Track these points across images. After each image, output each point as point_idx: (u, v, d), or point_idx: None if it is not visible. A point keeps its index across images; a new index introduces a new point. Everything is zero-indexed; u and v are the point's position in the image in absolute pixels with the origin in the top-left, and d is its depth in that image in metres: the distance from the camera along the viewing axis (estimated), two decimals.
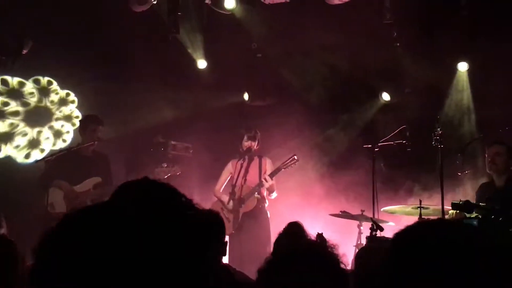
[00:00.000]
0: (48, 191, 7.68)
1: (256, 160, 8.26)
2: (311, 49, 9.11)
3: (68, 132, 9.90)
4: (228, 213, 8.01)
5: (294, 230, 5.04)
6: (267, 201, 8.20)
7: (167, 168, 8.27)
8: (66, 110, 9.95)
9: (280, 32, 9.27)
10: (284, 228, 5.12)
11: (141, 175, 1.50)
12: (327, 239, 4.70)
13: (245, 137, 8.21)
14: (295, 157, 8.03)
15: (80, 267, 1.25)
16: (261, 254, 7.60)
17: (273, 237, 8.05)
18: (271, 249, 7.84)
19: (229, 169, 8.35)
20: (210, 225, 1.53)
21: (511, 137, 7.59)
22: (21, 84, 9.71)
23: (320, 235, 4.80)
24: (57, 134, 9.86)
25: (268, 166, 8.21)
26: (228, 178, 8.34)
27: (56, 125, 9.88)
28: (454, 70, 8.93)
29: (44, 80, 9.88)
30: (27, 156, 9.59)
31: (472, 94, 8.85)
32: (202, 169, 9.58)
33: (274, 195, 8.15)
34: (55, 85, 9.93)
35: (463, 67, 8.87)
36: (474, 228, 1.64)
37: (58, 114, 9.90)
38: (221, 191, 8.31)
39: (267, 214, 8.17)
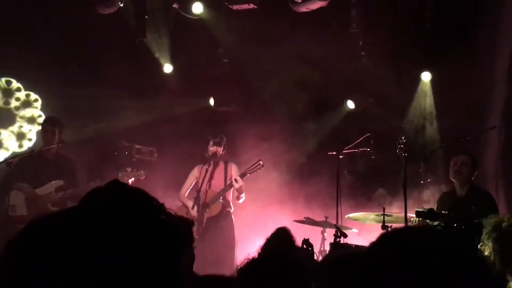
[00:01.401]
0: (9, 193, 7.55)
1: (221, 166, 8.27)
2: (277, 56, 9.15)
3: (30, 131, 9.73)
4: (192, 218, 7.99)
5: (283, 235, 5.09)
6: (232, 206, 8.21)
7: (132, 173, 8.22)
8: (29, 111, 9.79)
9: (247, 38, 9.29)
10: (272, 233, 5.15)
11: (105, 179, 1.49)
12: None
13: (211, 142, 8.21)
14: (261, 162, 8.07)
15: (48, 273, 1.24)
16: (226, 258, 7.62)
17: (240, 242, 8.09)
18: (235, 253, 7.87)
19: (195, 174, 8.34)
20: (184, 230, 1.52)
21: (472, 147, 7.75)
22: None
23: (306, 241, 4.85)
24: (20, 136, 9.70)
25: (234, 171, 8.23)
26: (193, 183, 8.33)
27: (19, 127, 9.71)
28: (417, 79, 9.06)
29: (2, 81, 9.70)
30: None
31: (435, 103, 8.99)
32: (166, 174, 9.51)
33: (242, 198, 8.16)
34: (15, 84, 9.75)
35: (426, 77, 9.00)
36: (441, 232, 1.65)
37: (21, 115, 9.74)
38: (186, 195, 8.29)
39: (232, 219, 8.19)
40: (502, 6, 8.03)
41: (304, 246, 4.93)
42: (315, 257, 4.02)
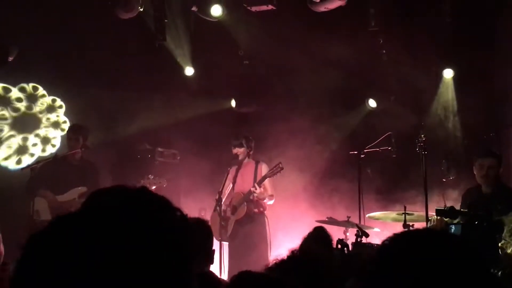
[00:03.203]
0: (34, 198, 7.66)
1: (251, 166, 8.24)
2: (297, 56, 9.14)
3: (55, 137, 9.85)
4: (223, 221, 7.99)
5: (321, 234, 5.25)
6: (265, 206, 8.15)
7: (154, 180, 8.27)
8: (53, 116, 9.92)
9: (266, 39, 9.31)
10: (310, 233, 5.25)
11: (128, 183, 1.49)
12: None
13: (232, 145, 8.24)
14: (280, 165, 8.04)
15: (58, 278, 1.25)
16: (260, 261, 7.52)
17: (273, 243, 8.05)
18: (268, 254, 7.83)
19: (226, 176, 8.29)
20: (199, 235, 1.51)
21: (495, 143, 7.66)
22: (7, 91, 9.68)
23: (341, 240, 4.90)
24: (45, 140, 9.83)
25: (264, 170, 8.15)
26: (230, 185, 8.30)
27: (44, 131, 9.84)
28: (439, 76, 8.98)
29: (29, 86, 9.85)
30: (18, 162, 9.57)
31: (457, 100, 8.90)
32: (189, 176, 9.58)
33: (269, 201, 8.11)
34: (41, 90, 9.89)
35: (448, 74, 8.92)
36: (457, 239, 1.67)
37: (45, 120, 9.87)
38: (223, 199, 8.21)
39: (264, 220, 8.10)
40: None
41: (339, 246, 4.99)
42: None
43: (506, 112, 8.28)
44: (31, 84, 9.87)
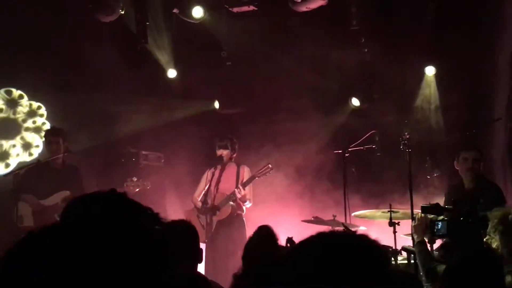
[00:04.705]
0: (17, 204, 7.59)
1: (233, 168, 8.28)
2: (280, 56, 9.14)
3: (37, 146, 9.76)
4: (203, 221, 8.01)
5: (265, 233, 5.04)
6: (244, 209, 8.21)
7: (137, 182, 8.22)
8: (35, 121, 9.83)
9: (249, 40, 9.30)
10: (254, 232, 5.11)
11: (112, 187, 1.47)
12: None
13: (217, 146, 8.25)
14: (269, 165, 8.07)
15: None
16: (237, 261, 7.57)
17: None
18: None
19: (206, 177, 8.34)
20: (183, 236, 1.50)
21: (478, 139, 7.72)
22: None
23: (290, 239, 4.81)
24: (26, 146, 9.74)
25: (246, 174, 8.22)
26: (206, 186, 8.32)
27: (25, 137, 9.75)
28: (421, 74, 9.02)
29: (16, 92, 9.76)
30: (7, 166, 9.49)
31: (440, 97, 8.95)
32: (175, 178, 9.55)
33: (247, 204, 8.17)
34: (15, 92, 9.78)
35: (430, 71, 8.96)
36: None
37: (27, 125, 9.78)
38: (199, 199, 8.27)
39: (243, 222, 8.19)
40: None
41: (288, 245, 4.87)
42: None
43: (489, 109, 8.35)
44: (11, 89, 9.78)
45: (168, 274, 1.33)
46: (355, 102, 9.34)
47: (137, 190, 8.03)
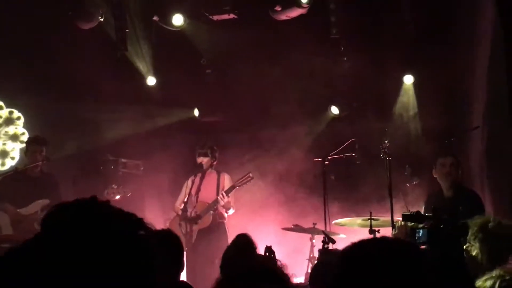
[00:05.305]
0: None
1: (214, 176, 8.27)
2: (259, 64, 9.16)
3: (13, 149, 9.63)
4: (183, 229, 7.97)
5: (243, 241, 5.02)
6: (226, 217, 8.19)
7: (117, 190, 8.17)
8: (11, 129, 9.71)
9: (229, 48, 9.31)
10: (233, 240, 5.09)
11: (91, 195, 1.45)
12: (276, 258, 4.71)
13: (197, 154, 8.23)
14: (250, 174, 8.09)
15: None
16: (218, 270, 7.54)
17: None
18: None
19: (186, 185, 8.32)
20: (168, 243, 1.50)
21: (456, 147, 7.80)
22: None
23: (268, 248, 4.80)
24: (3, 154, 9.62)
25: (227, 181, 8.22)
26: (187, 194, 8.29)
27: (2, 144, 9.62)
28: (400, 82, 9.10)
29: None
30: None
31: (418, 106, 9.03)
32: (154, 186, 9.50)
33: (230, 211, 8.17)
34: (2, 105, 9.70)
35: (409, 79, 9.05)
36: (415, 246, 1.83)
37: (3, 133, 9.66)
38: (180, 207, 8.23)
39: (225, 230, 8.18)
40: (479, 8, 8.10)
41: (266, 254, 4.86)
42: (279, 264, 3.93)
43: (466, 117, 8.45)
44: None
45: (152, 280, 1.34)
46: (335, 110, 9.39)
47: (118, 197, 7.99)
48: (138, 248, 1.34)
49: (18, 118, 9.74)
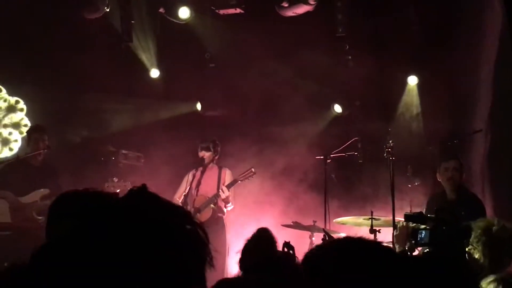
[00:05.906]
0: None
1: (215, 171, 8.25)
2: (264, 60, 9.14)
3: (16, 140, 9.61)
4: None
5: (263, 236, 5.02)
6: (225, 211, 8.18)
7: (118, 183, 8.14)
8: (14, 117, 9.67)
9: (233, 43, 9.29)
10: (253, 234, 5.08)
11: (91, 185, 1.44)
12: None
13: (199, 148, 8.21)
14: (252, 169, 8.06)
15: None
16: (218, 265, 7.53)
17: (231, 247, 8.03)
18: (226, 259, 7.83)
19: (187, 179, 8.29)
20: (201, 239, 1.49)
21: (459, 150, 7.79)
22: None
23: (287, 243, 4.79)
24: (5, 141, 9.59)
25: (228, 177, 8.20)
26: (187, 188, 8.28)
27: (4, 132, 9.60)
28: (404, 83, 9.09)
29: None
30: None
31: (422, 107, 9.02)
32: (154, 179, 9.46)
33: (229, 206, 8.15)
34: (3, 93, 9.66)
35: (413, 80, 9.03)
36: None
37: (6, 121, 9.63)
38: (180, 200, 8.22)
39: (224, 224, 8.16)
40: (485, 8, 8.08)
41: (285, 249, 4.86)
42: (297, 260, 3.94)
43: (470, 119, 8.43)
44: None
45: (200, 273, 1.33)
46: (337, 108, 9.38)
47: (118, 190, 7.94)
48: (188, 241, 1.33)
49: (20, 106, 9.70)
